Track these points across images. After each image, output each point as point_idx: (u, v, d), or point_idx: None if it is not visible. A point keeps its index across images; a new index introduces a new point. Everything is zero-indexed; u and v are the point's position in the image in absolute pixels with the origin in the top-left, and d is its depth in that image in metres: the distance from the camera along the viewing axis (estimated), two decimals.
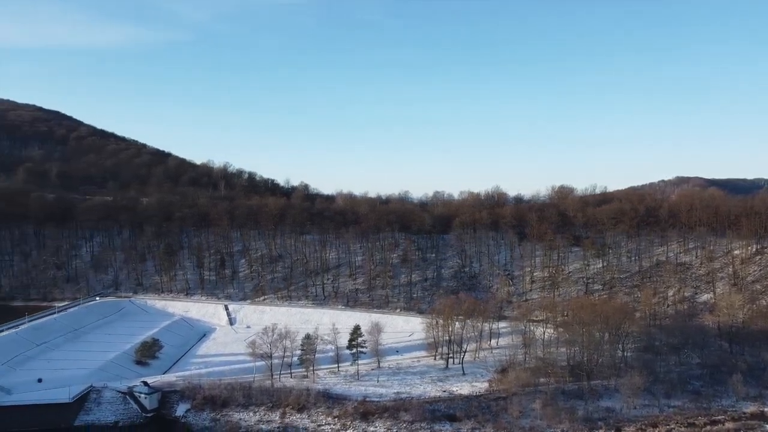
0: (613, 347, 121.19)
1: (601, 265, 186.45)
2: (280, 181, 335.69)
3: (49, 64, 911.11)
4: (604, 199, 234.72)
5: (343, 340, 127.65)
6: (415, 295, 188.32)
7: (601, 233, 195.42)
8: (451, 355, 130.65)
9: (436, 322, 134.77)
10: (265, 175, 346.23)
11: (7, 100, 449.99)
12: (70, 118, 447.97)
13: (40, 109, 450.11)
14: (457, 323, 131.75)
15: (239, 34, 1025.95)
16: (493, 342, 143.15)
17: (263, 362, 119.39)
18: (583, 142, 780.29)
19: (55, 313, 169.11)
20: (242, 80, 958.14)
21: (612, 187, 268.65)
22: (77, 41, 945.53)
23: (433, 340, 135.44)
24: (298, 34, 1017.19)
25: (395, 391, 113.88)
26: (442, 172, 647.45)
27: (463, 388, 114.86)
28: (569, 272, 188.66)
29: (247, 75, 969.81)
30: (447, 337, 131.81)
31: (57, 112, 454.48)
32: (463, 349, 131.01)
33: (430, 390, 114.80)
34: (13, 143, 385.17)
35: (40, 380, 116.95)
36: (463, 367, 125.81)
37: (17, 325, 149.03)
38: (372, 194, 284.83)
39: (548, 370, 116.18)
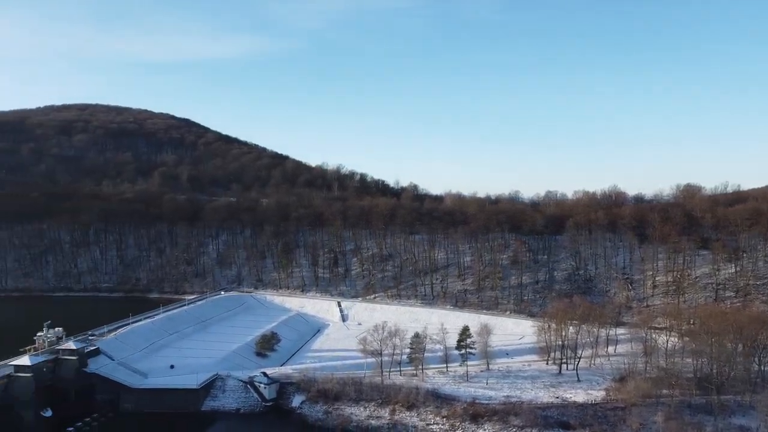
0: (748, 360, 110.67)
1: (733, 270, 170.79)
2: (390, 182, 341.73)
3: (180, 76, 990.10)
4: (738, 198, 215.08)
5: (452, 341, 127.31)
6: (525, 298, 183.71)
7: (733, 235, 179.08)
8: (564, 360, 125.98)
9: (549, 325, 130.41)
10: (376, 176, 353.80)
11: (145, 110, 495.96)
12: (198, 125, 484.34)
13: (173, 117, 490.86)
14: (570, 328, 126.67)
15: (350, 40, 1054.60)
16: (611, 349, 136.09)
17: (373, 359, 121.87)
18: (712, 137, 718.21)
19: (185, 305, 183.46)
20: (354, 85, 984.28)
21: (746, 186, 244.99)
22: (204, 53, 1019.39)
23: (545, 344, 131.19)
24: (407, 37, 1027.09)
25: (505, 394, 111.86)
26: (555, 171, 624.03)
27: (578, 395, 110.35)
28: (696, 277, 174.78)
29: (359, 79, 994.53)
30: (560, 342, 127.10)
31: (187, 120, 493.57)
32: (578, 355, 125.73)
33: (542, 395, 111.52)
34: (150, 149, 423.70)
35: (172, 366, 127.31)
36: (577, 374, 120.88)
37: (153, 316, 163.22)
38: (481, 194, 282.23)
39: (672, 382, 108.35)
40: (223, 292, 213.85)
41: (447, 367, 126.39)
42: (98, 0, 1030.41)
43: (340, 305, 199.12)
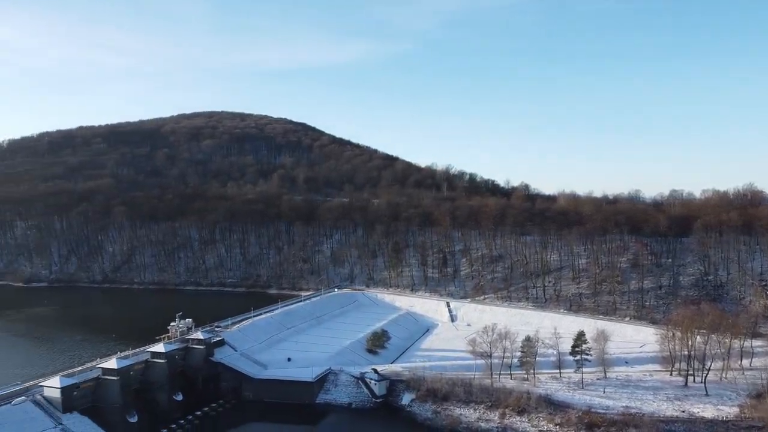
0: None
1: None
2: (500, 181, 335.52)
3: (296, 82, 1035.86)
4: None
5: (565, 346, 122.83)
6: (647, 303, 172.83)
7: None
8: (690, 372, 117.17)
9: (673, 334, 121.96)
10: (486, 176, 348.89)
11: (265, 116, 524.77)
12: (314, 129, 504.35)
13: (290, 122, 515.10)
14: (698, 337, 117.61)
15: (460, 39, 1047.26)
16: (745, 362, 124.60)
17: (482, 361, 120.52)
18: None
19: (301, 301, 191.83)
20: (463, 84, 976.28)
21: None
22: (318, 60, 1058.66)
23: (668, 353, 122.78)
24: (517, 34, 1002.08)
25: (624, 404, 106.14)
26: (680, 169, 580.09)
27: (706, 410, 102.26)
28: None
29: (468, 79, 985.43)
30: (686, 352, 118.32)
31: (303, 124, 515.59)
32: (706, 367, 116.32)
33: (665, 408, 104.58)
34: (269, 152, 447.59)
35: (289, 359, 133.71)
36: (705, 387, 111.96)
37: (272, 311, 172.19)
38: (597, 193, 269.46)
39: None
40: (336, 290, 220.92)
41: (560, 372, 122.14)
42: (222, 14, 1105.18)
43: (449, 305, 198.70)
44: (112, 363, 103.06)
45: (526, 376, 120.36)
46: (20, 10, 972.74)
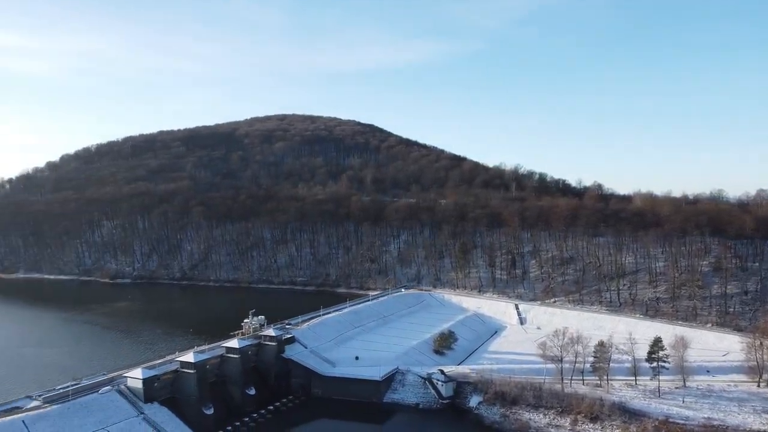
0: None
1: None
2: (572, 181, 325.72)
3: (364, 83, 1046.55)
4: None
5: (641, 352, 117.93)
6: (731, 310, 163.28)
7: None
8: None
9: (761, 342, 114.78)
10: (556, 176, 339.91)
11: (334, 118, 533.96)
12: (381, 130, 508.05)
13: (359, 123, 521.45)
14: None
15: (529, 36, 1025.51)
16: None
17: (553, 365, 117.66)
18: None
19: (368, 300, 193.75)
20: (533, 82, 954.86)
21: None
22: (386, 61, 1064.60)
23: (755, 363, 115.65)
24: (588, 31, 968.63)
25: (705, 416, 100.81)
26: None
27: None
28: None
29: (538, 76, 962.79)
30: None
31: (371, 125, 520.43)
32: None
33: (752, 421, 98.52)
34: (338, 153, 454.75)
35: (357, 358, 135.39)
36: None
37: (340, 309, 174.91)
38: (676, 193, 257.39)
39: None
40: (403, 290, 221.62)
41: (636, 380, 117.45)
42: (293, 19, 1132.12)
43: (517, 308, 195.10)
44: (189, 357, 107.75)
45: (599, 382, 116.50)
46: (110, 22, 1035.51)
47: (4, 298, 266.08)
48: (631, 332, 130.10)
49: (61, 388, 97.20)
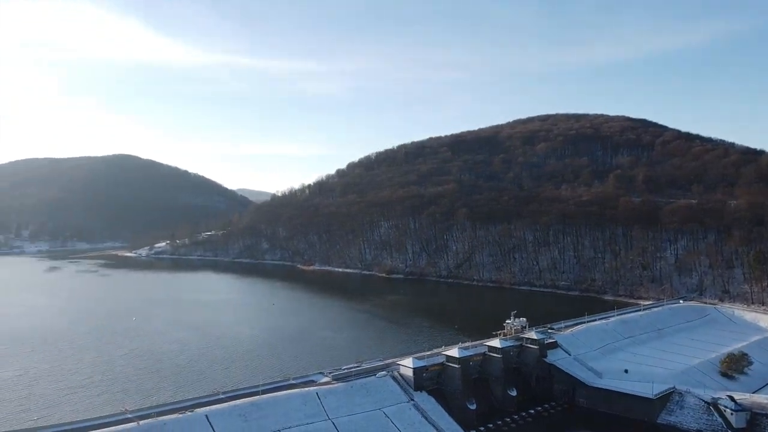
0: None
1: None
2: None
3: (632, 74, 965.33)
4: None
5: None
6: None
7: None
8: None
9: None
10: None
11: (601, 115, 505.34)
12: (655, 125, 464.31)
13: (628, 118, 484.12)
14: None
15: None
16: None
17: None
18: None
19: (639, 310, 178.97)
20: None
21: None
22: (656, 48, 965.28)
23: None
24: None
25: None
26: None
27: None
28: None
29: None
30: None
31: (643, 120, 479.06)
32: None
33: None
34: (605, 152, 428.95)
35: (626, 371, 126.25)
36: None
37: (607, 317, 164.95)
38: None
39: None
40: (681, 301, 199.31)
41: None
42: (548, 16, 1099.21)
43: None
44: (454, 352, 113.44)
45: None
46: (378, 41, 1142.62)
47: (306, 287, 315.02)
48: None
49: (346, 368, 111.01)
